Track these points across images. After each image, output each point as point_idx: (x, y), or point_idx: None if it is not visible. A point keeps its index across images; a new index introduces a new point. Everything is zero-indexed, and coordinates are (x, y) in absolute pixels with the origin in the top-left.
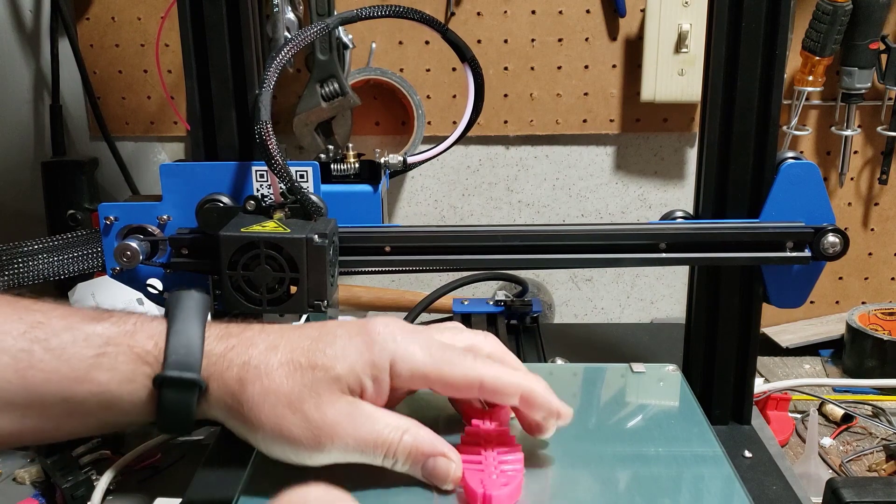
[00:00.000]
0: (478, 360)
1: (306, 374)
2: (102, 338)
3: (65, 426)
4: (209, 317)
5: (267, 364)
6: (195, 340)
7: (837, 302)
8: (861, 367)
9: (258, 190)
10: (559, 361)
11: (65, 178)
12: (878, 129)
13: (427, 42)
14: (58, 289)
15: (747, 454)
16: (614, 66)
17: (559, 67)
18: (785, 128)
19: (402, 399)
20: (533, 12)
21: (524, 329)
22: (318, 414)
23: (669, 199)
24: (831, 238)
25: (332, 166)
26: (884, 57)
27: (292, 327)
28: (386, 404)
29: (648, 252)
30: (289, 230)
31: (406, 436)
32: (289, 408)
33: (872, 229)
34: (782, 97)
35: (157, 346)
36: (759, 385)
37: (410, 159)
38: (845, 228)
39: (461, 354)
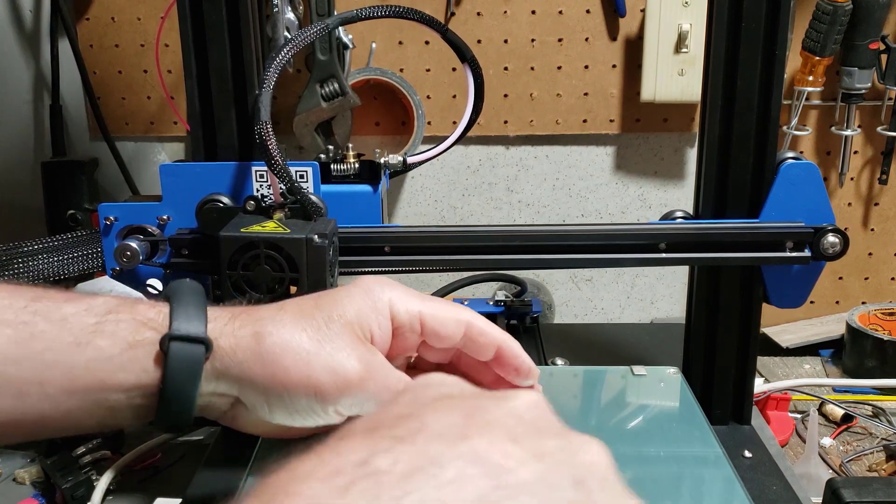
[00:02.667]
0: (461, 306)
1: (322, 322)
2: (105, 307)
3: (62, 407)
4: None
5: (281, 318)
6: (200, 309)
7: (837, 302)
8: (861, 367)
9: (258, 190)
10: (559, 362)
11: (65, 179)
12: (878, 129)
13: (427, 42)
14: None
15: (747, 454)
16: (614, 66)
17: (559, 67)
18: (785, 128)
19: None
20: (533, 12)
21: (524, 329)
22: (344, 357)
23: (669, 199)
24: (831, 238)
25: (331, 166)
26: (884, 57)
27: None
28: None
29: (648, 252)
30: (288, 230)
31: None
32: (312, 354)
33: (872, 229)
34: (782, 97)
35: (161, 314)
36: (759, 385)
37: (410, 159)
38: (845, 228)
39: (446, 301)
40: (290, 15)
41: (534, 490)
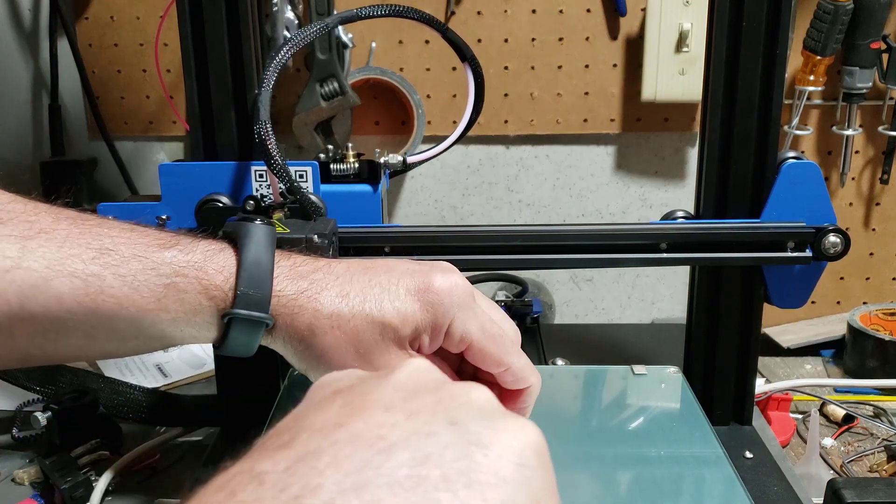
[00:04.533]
0: (513, 347)
1: (376, 330)
2: (171, 267)
3: (129, 345)
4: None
5: (339, 314)
6: (265, 277)
7: (839, 302)
8: (862, 367)
9: (257, 190)
10: (560, 362)
11: (64, 178)
12: (880, 128)
13: (427, 41)
14: None
15: (748, 455)
16: (615, 65)
17: (559, 67)
18: (786, 127)
19: None
20: (533, 11)
21: (525, 329)
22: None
23: (670, 199)
24: (832, 238)
25: (331, 166)
26: (885, 56)
27: (361, 269)
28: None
29: (649, 252)
30: (288, 230)
31: None
32: (358, 360)
33: (874, 229)
34: (783, 97)
35: (227, 281)
36: (761, 385)
37: (410, 159)
38: (846, 228)
39: (503, 337)
40: (290, 14)
41: (407, 444)
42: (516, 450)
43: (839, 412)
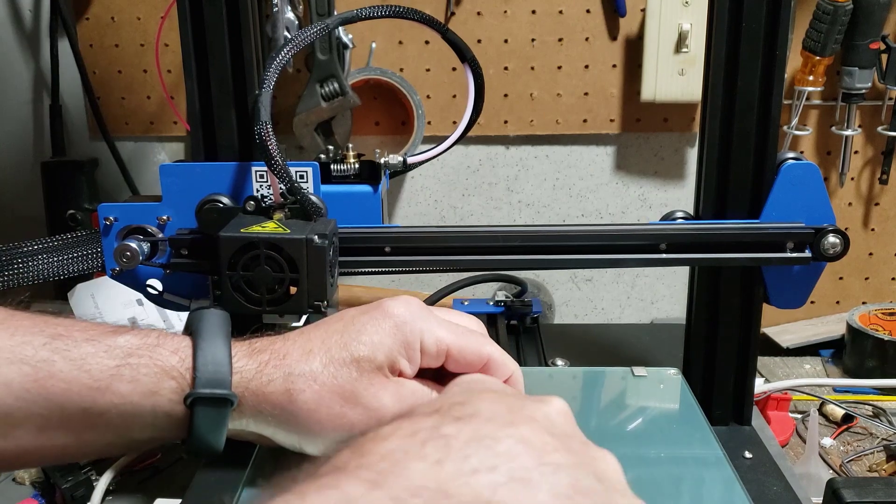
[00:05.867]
0: (484, 338)
1: (352, 369)
2: (124, 349)
3: (85, 439)
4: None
5: (311, 370)
6: (223, 357)
7: (838, 302)
8: (861, 367)
9: (258, 190)
10: (559, 362)
11: (64, 179)
12: (879, 128)
13: (427, 42)
14: (57, 289)
15: (748, 455)
16: (614, 65)
17: (559, 67)
18: (785, 128)
19: None
20: (533, 12)
21: (524, 329)
22: (377, 402)
23: (670, 200)
24: (832, 238)
25: (331, 166)
26: (884, 57)
27: (313, 327)
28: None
29: (648, 252)
30: (288, 231)
31: None
32: (347, 404)
33: (873, 229)
34: (783, 97)
35: (183, 362)
36: (760, 385)
37: (410, 159)
38: (846, 229)
39: (472, 332)
40: (290, 15)
41: (569, 472)
42: None
43: (838, 412)
